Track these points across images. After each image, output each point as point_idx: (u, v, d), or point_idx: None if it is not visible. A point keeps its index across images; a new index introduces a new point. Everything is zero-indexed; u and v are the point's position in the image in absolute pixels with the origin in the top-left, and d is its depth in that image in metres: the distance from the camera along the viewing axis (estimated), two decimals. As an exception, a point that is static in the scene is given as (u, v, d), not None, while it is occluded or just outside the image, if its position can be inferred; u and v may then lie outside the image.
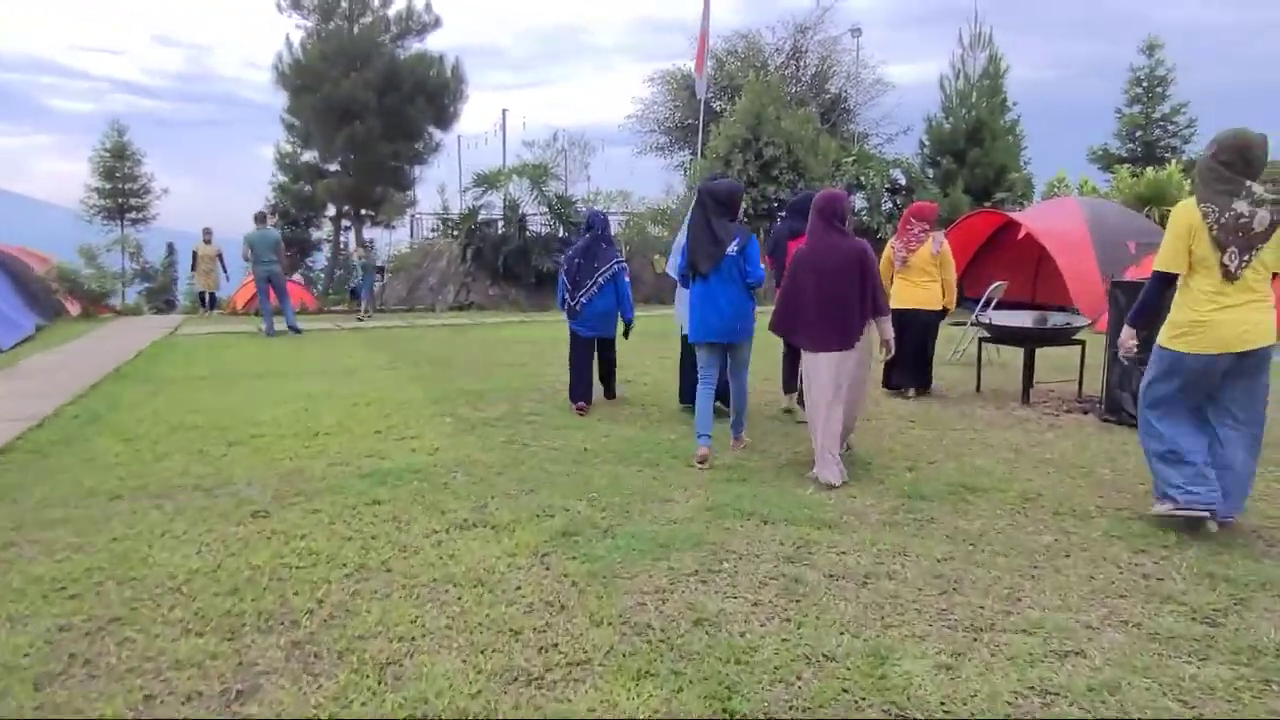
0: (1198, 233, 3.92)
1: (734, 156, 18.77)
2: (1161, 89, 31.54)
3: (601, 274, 7.12)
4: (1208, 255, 3.91)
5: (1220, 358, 3.95)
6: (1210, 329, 3.93)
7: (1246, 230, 3.83)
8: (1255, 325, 3.91)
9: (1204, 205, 3.91)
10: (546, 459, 5.53)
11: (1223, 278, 3.89)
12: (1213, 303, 3.92)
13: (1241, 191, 3.84)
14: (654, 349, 11.07)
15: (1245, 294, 3.91)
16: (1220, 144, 3.93)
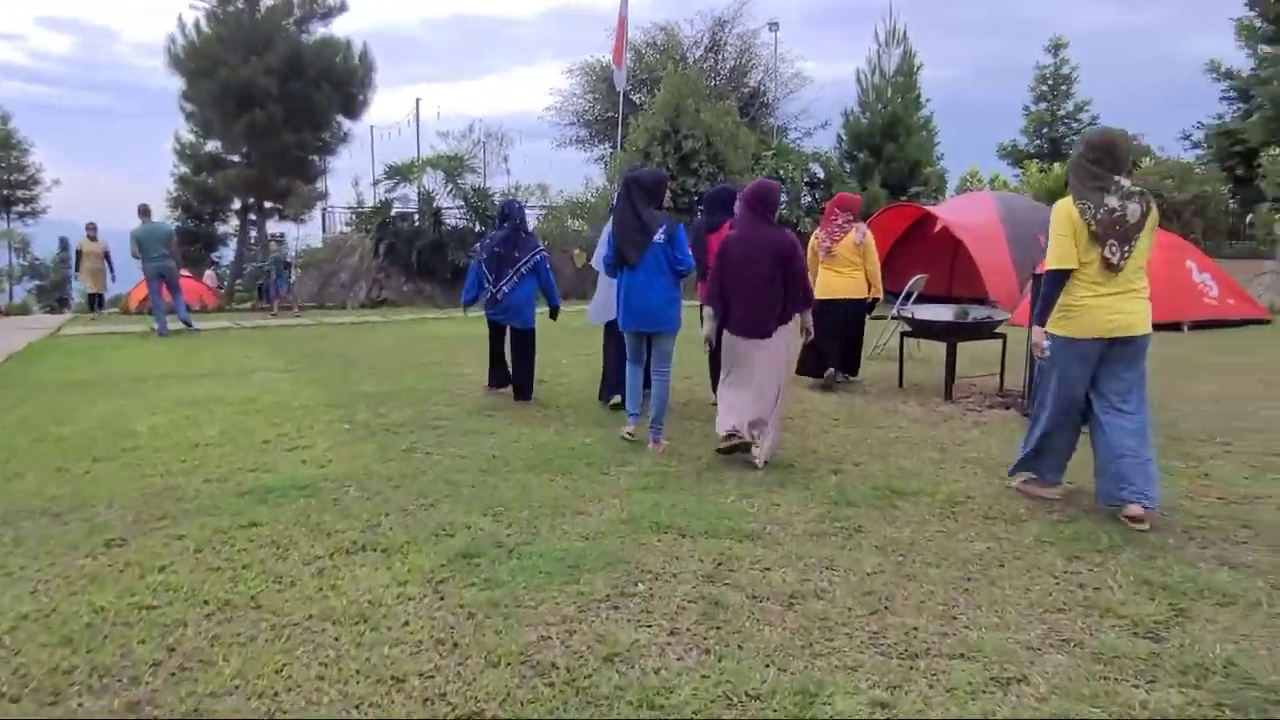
0: (1078, 229, 4.08)
1: (653, 149, 18.49)
2: (1066, 87, 32.61)
3: (524, 263, 7.06)
4: (1089, 249, 4.07)
5: (1093, 343, 4.12)
6: (1084, 314, 4.11)
7: (1121, 223, 4.02)
8: (1129, 314, 4.08)
9: (1080, 203, 4.07)
10: (451, 469, 5.11)
11: (1105, 269, 4.06)
12: (1088, 290, 4.10)
13: (1111, 187, 4.03)
14: (573, 347, 10.71)
15: (1122, 284, 4.08)
16: (1089, 143, 4.14)
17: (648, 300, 5.43)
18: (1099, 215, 4.02)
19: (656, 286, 5.44)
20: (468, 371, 8.48)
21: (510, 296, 7.09)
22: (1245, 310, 13.20)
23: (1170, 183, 16.84)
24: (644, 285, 5.43)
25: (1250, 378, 8.23)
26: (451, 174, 18.54)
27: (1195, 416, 6.47)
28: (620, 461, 5.28)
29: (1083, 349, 4.16)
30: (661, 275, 5.43)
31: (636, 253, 5.41)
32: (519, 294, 7.12)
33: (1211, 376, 8.32)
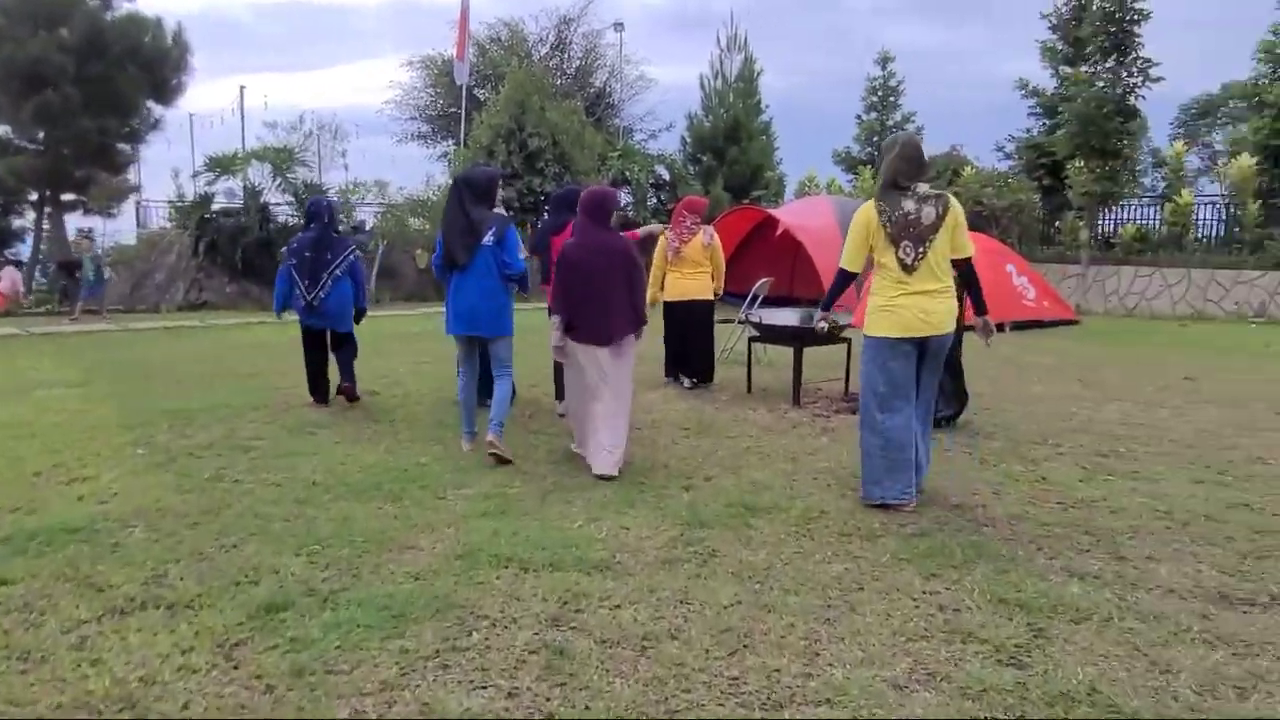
0: (875, 231, 4.29)
1: (497, 146, 17.93)
2: (894, 98, 34.24)
3: (338, 265, 6.79)
4: (885, 250, 4.28)
5: (906, 341, 4.29)
6: (895, 313, 4.28)
7: (915, 225, 4.22)
8: (933, 313, 4.27)
9: (880, 204, 4.29)
10: (262, 499, 4.52)
11: (900, 269, 4.26)
12: (897, 289, 4.27)
13: (910, 191, 4.26)
14: (410, 353, 10.09)
15: (928, 283, 4.26)
16: (904, 148, 4.33)
17: (476, 304, 5.27)
18: (894, 217, 4.22)
19: (485, 290, 5.27)
20: (291, 383, 7.75)
21: (327, 302, 6.78)
22: (1058, 312, 14.10)
23: (990, 190, 17.91)
24: (472, 288, 5.26)
25: (1069, 377, 8.67)
26: (280, 167, 17.30)
27: (1027, 419, 6.68)
28: (458, 483, 4.85)
29: (903, 347, 4.30)
30: (490, 278, 5.28)
31: (466, 254, 5.23)
32: (336, 298, 6.81)
33: (1036, 377, 8.72)
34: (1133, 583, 3.49)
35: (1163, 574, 3.58)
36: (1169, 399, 7.49)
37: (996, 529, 4.13)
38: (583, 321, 5.10)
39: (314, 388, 7.01)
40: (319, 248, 6.76)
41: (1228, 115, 37.34)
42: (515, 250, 5.37)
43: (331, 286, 6.76)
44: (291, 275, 6.80)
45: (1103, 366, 9.43)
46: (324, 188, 18.33)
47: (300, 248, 6.82)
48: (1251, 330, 13.37)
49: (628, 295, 5.09)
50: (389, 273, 18.71)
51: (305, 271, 6.72)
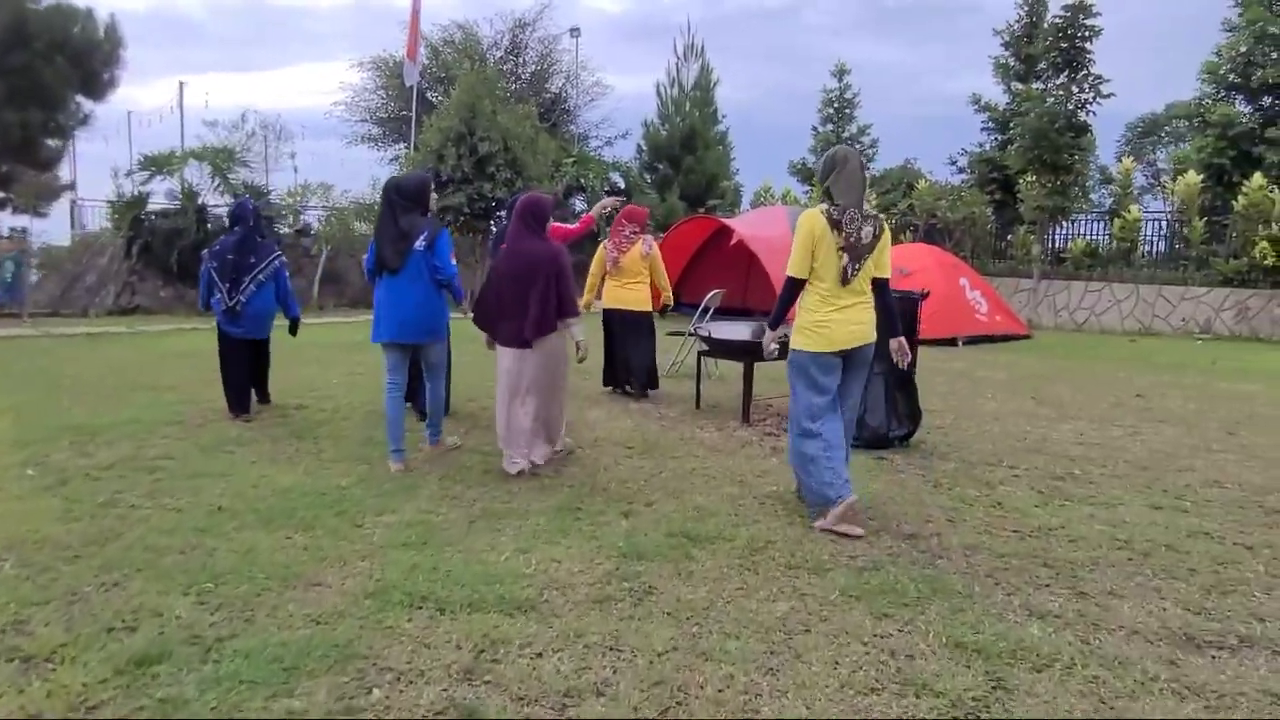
0: (822, 240, 4.25)
1: (447, 150, 17.48)
2: (849, 110, 34.47)
3: (261, 270, 6.65)
4: (829, 261, 4.26)
5: (837, 355, 4.33)
6: (829, 328, 4.29)
7: (859, 241, 4.25)
8: (862, 325, 4.33)
9: (830, 214, 4.24)
10: (158, 528, 4.12)
11: (839, 283, 4.26)
12: (830, 304, 4.28)
13: (857, 209, 4.27)
14: (346, 363, 9.65)
15: (854, 296, 4.30)
16: (861, 164, 4.40)
17: (405, 309, 5.19)
18: (849, 231, 4.23)
19: (415, 294, 5.20)
20: (212, 396, 7.30)
21: (249, 307, 6.63)
22: (1010, 326, 14.09)
23: (944, 204, 17.94)
24: (402, 293, 5.18)
25: (1021, 394, 8.55)
26: (219, 168, 16.66)
27: (981, 438, 6.49)
28: (379, 509, 4.49)
29: (831, 361, 4.34)
30: (420, 283, 5.21)
31: (398, 259, 5.15)
32: (258, 304, 6.68)
33: (989, 393, 8.58)
34: (1095, 622, 3.26)
35: (1126, 612, 3.36)
36: (1122, 417, 7.38)
37: (952, 561, 3.89)
38: (503, 325, 5.17)
39: (233, 400, 6.74)
40: (242, 251, 6.60)
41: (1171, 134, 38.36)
42: (447, 255, 5.30)
43: (254, 292, 6.61)
44: (211, 278, 6.62)
45: (1055, 382, 9.33)
46: (266, 190, 17.74)
47: (222, 250, 6.63)
48: (1198, 346, 13.47)
49: (543, 299, 5.10)
50: (333, 278, 18.17)
51: (226, 275, 6.54)
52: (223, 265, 6.56)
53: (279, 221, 17.89)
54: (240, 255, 6.58)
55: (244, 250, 6.61)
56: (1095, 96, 15.22)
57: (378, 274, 5.23)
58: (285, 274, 6.95)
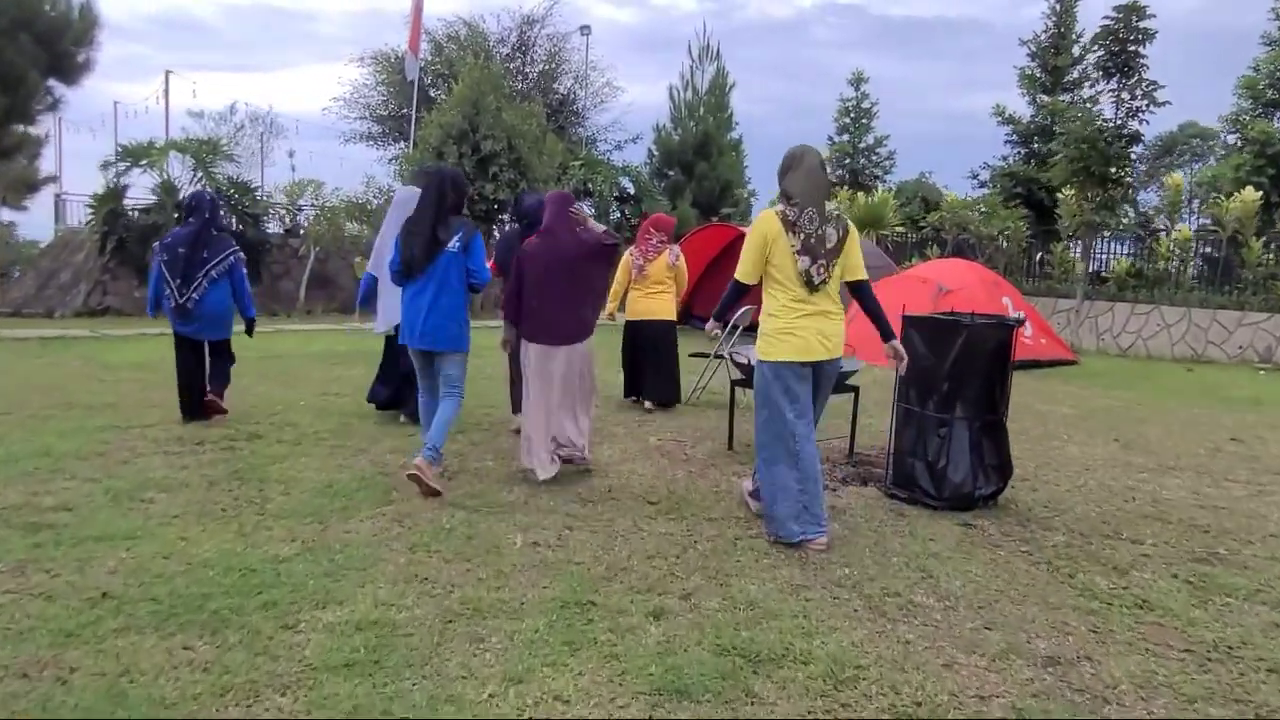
0: (776, 242, 4.01)
1: (448, 148, 16.36)
2: (866, 120, 33.40)
3: (214, 266, 6.26)
4: (785, 265, 4.00)
5: (804, 366, 4.06)
6: (797, 335, 4.02)
7: (822, 244, 3.99)
8: (831, 335, 4.07)
9: (785, 215, 4.00)
10: (4, 629, 2.94)
11: (804, 287, 4.00)
12: (797, 310, 4.03)
13: (817, 209, 4.01)
14: (321, 380, 8.50)
15: (824, 303, 4.05)
16: (820, 162, 4.08)
17: (431, 315, 4.87)
18: (807, 232, 3.97)
19: (445, 301, 4.89)
20: (153, 421, 6.16)
21: (201, 305, 6.23)
22: (1056, 350, 12.92)
23: (974, 215, 16.81)
24: (427, 297, 4.86)
25: (1099, 435, 7.37)
26: (202, 161, 15.53)
27: (1082, 497, 5.31)
28: (324, 597, 3.33)
29: (803, 373, 4.08)
30: (451, 288, 4.90)
31: (428, 261, 4.86)
32: (211, 302, 6.27)
33: (1062, 432, 7.40)
34: None
35: None
36: (1231, 469, 6.20)
37: (1125, 707, 2.72)
38: (529, 317, 5.06)
39: (183, 403, 6.33)
40: (195, 245, 6.21)
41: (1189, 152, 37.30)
42: (481, 258, 5.01)
43: (207, 288, 6.22)
44: (162, 273, 6.21)
45: (1131, 420, 8.15)
46: (252, 185, 16.61)
47: (174, 243, 6.22)
48: (1261, 377, 12.29)
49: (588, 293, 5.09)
50: (322, 281, 17.02)
51: (177, 270, 6.15)
52: (173, 259, 6.15)
53: (265, 220, 16.74)
54: (192, 249, 6.17)
55: (197, 244, 6.20)
56: (1149, 104, 14.07)
57: (406, 275, 4.92)
58: (242, 271, 6.47)
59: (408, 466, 4.75)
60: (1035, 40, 28.09)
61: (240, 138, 17.05)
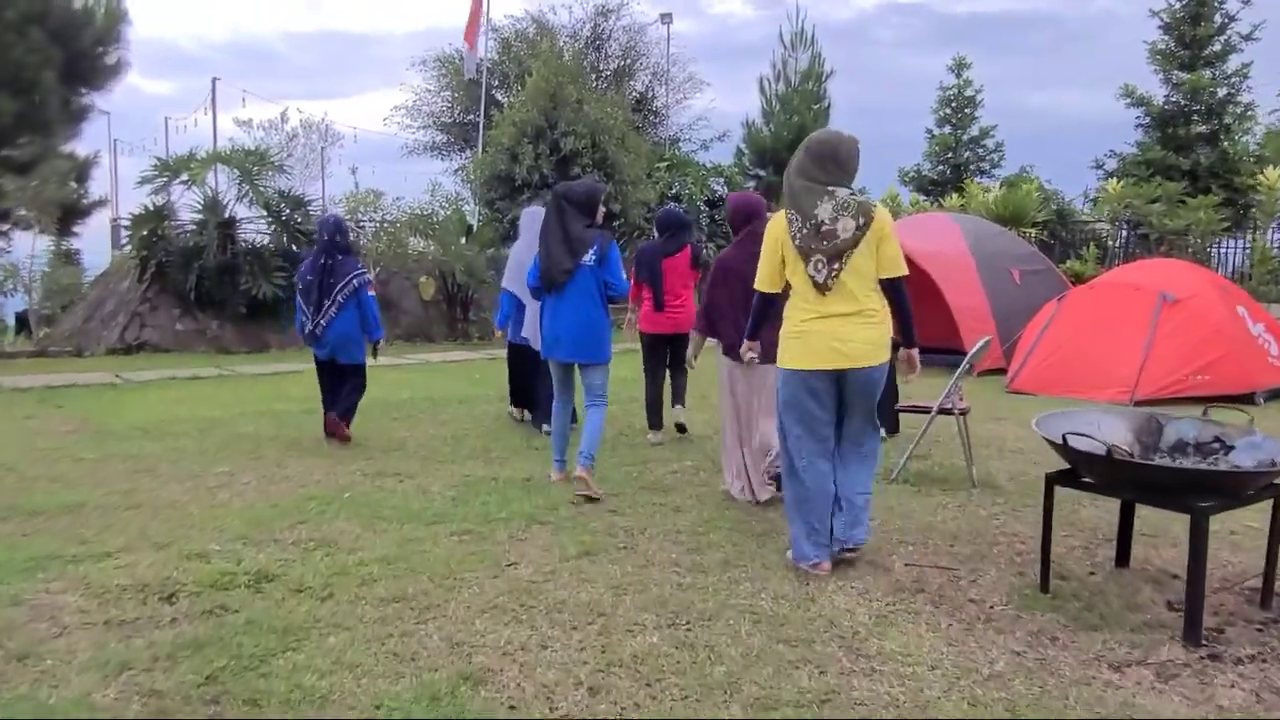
0: (785, 244, 3.76)
1: (522, 149, 14.20)
2: (970, 110, 30.41)
3: (340, 291, 6.30)
4: (795, 267, 3.76)
5: (817, 375, 3.73)
6: (803, 340, 3.74)
7: (830, 237, 3.64)
8: (849, 340, 3.68)
9: (789, 213, 3.75)
10: None
11: (812, 288, 3.71)
12: (806, 313, 3.75)
13: (824, 197, 3.66)
14: (373, 453, 6.21)
15: (844, 305, 3.68)
16: (809, 146, 3.76)
17: (574, 327, 5.05)
18: (805, 229, 3.67)
19: (584, 312, 5.05)
20: (115, 547, 3.93)
21: (330, 330, 6.34)
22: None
23: (1157, 207, 13.95)
24: (571, 311, 5.04)
25: None
26: (248, 173, 13.63)
27: None
28: None
29: (812, 382, 3.73)
30: (590, 300, 5.06)
31: (565, 275, 4.99)
32: (338, 326, 6.35)
33: None
34: None
35: None
36: None
37: None
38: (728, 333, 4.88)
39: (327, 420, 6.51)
40: (322, 271, 6.34)
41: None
42: (619, 269, 5.14)
43: (335, 314, 6.30)
44: (298, 303, 6.47)
45: None
46: (305, 199, 14.65)
47: (304, 271, 6.49)
48: None
49: None
50: (383, 304, 14.91)
51: (310, 298, 6.34)
52: (306, 288, 6.38)
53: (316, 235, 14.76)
54: (320, 275, 6.32)
55: (323, 270, 6.33)
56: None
57: (545, 289, 5.10)
58: (367, 293, 6.47)
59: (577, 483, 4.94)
60: (1169, 10, 24.92)
61: (293, 147, 15.06)
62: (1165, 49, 24.81)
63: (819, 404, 3.76)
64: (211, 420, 7.30)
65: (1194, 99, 24.74)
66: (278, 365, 11.60)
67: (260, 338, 14.34)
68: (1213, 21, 24.51)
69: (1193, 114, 25.16)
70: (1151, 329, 9.19)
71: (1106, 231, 18.13)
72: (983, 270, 12.29)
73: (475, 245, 14.54)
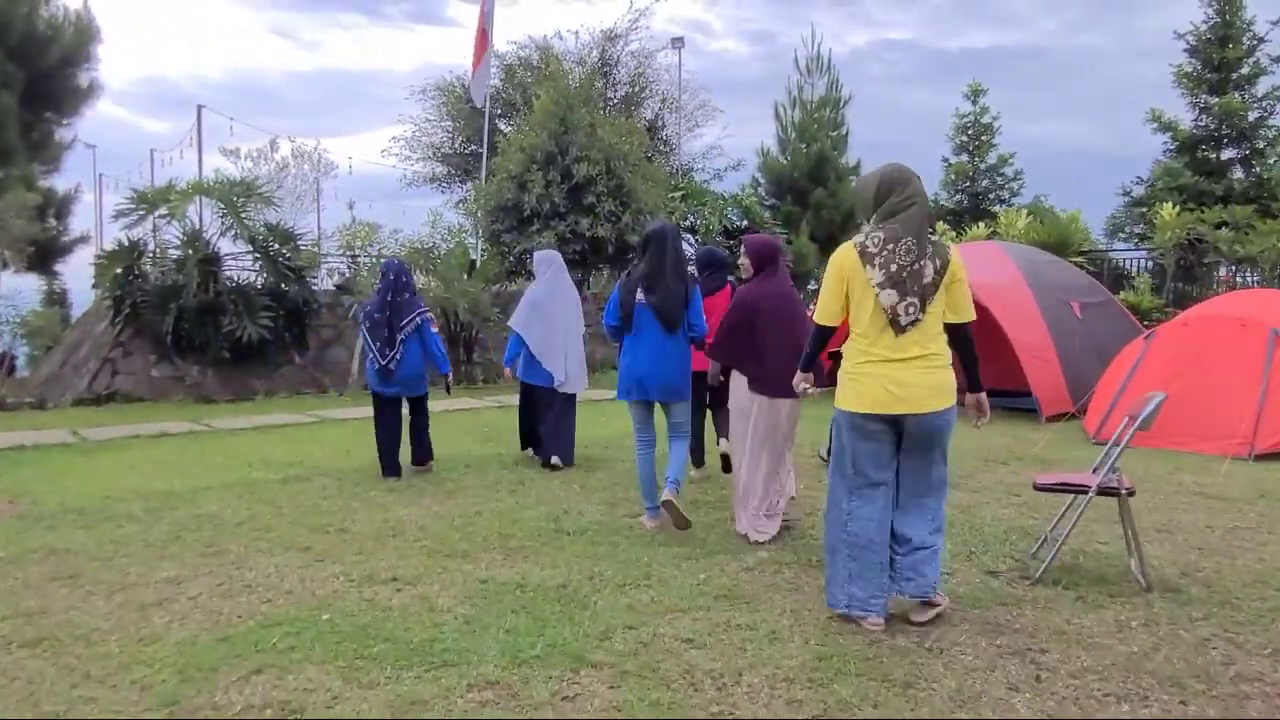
0: (854, 278, 3.59)
1: (531, 176, 13.06)
2: (988, 137, 29.47)
3: (404, 328, 6.58)
4: (864, 303, 3.58)
5: (878, 422, 3.57)
6: (859, 382, 3.61)
7: (918, 279, 3.51)
8: (908, 384, 3.52)
9: (864, 245, 3.57)
10: None
11: (892, 330, 3.54)
12: (866, 355, 3.60)
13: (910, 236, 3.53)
14: (367, 547, 4.91)
15: (909, 349, 3.53)
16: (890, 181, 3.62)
17: (663, 368, 5.08)
18: (893, 266, 3.49)
19: (669, 353, 5.10)
20: None
21: (401, 366, 6.58)
22: None
23: (1225, 233, 12.81)
24: (660, 352, 5.07)
25: None
26: (231, 205, 12.46)
27: None
28: None
29: (868, 428, 3.59)
30: (673, 340, 5.10)
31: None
32: (408, 362, 6.62)
33: None
34: None
35: None
36: None
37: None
38: (770, 372, 4.82)
39: (384, 464, 6.70)
40: (388, 309, 6.58)
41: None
42: (700, 310, 5.24)
43: (403, 351, 6.57)
44: (366, 339, 6.67)
45: None
46: (296, 233, 13.47)
47: (371, 310, 6.68)
48: None
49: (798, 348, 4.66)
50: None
51: (379, 335, 6.56)
52: (374, 326, 6.60)
53: (312, 273, 13.59)
54: (387, 314, 6.57)
55: (389, 308, 6.58)
56: None
57: (622, 332, 5.19)
58: (431, 330, 6.78)
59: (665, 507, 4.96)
60: (1195, 33, 24.06)
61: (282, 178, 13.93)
62: (1193, 72, 23.94)
63: (875, 449, 3.61)
64: (168, 496, 6.01)
65: (1225, 123, 23.83)
66: (262, 417, 10.33)
67: (245, 384, 13.09)
68: (1241, 44, 23.66)
69: (1223, 138, 24.24)
70: (1266, 370, 7.97)
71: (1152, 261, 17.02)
72: (1041, 302, 11.11)
73: (479, 281, 13.35)
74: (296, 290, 13.17)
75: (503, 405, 10.97)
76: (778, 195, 21.11)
